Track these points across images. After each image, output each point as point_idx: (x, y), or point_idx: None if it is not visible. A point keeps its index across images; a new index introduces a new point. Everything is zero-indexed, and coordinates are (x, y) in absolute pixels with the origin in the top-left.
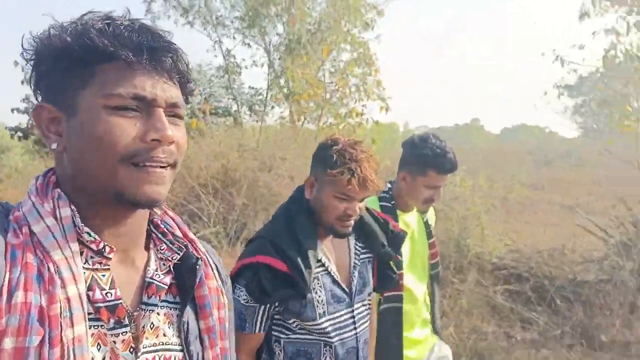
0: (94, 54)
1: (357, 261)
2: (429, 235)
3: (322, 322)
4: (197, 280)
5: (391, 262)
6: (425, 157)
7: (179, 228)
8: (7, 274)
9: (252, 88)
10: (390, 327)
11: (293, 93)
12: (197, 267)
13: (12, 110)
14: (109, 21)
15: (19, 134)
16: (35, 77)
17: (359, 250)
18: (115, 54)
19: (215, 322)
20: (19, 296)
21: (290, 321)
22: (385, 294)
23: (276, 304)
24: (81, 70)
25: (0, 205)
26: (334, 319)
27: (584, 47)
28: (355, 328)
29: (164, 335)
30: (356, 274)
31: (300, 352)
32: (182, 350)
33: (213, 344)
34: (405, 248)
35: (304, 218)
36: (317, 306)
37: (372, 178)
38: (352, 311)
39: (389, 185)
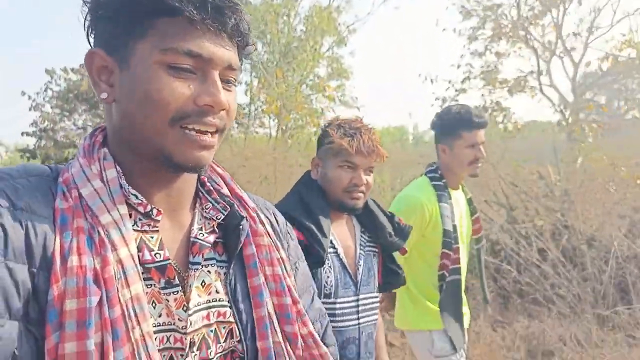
0: (157, 5)
1: (362, 251)
2: (473, 211)
3: (325, 304)
4: (242, 240)
5: (396, 256)
6: (453, 121)
7: (227, 185)
8: (58, 238)
9: (238, 104)
10: (454, 298)
11: (279, 107)
12: (241, 226)
13: (22, 134)
14: None
15: (27, 154)
16: (91, 20)
17: (364, 241)
18: (178, 9)
19: (264, 280)
20: (74, 260)
21: None
22: (451, 267)
23: None
24: (142, 20)
25: (50, 168)
26: (337, 302)
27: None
28: (358, 318)
29: (217, 292)
30: (362, 263)
31: None
32: (230, 307)
33: (258, 304)
34: (458, 224)
35: (315, 194)
36: (325, 286)
37: (374, 143)
38: (357, 300)
39: (435, 165)
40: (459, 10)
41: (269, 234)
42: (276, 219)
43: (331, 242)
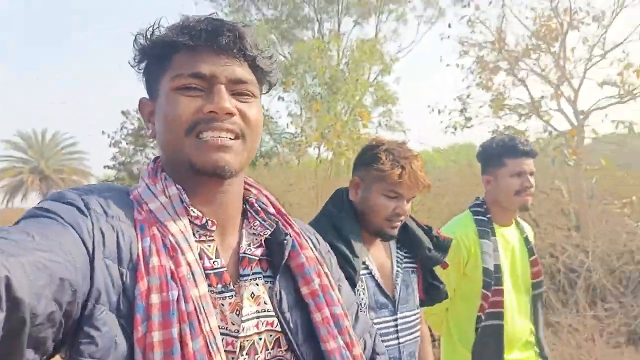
0: (166, 47)
1: (399, 269)
2: (530, 252)
3: None
4: (286, 254)
5: (437, 271)
6: (497, 150)
7: (273, 205)
8: (140, 243)
9: (289, 133)
10: (491, 346)
11: (319, 136)
12: (285, 241)
13: (104, 167)
14: (183, 19)
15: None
16: (143, 77)
17: (400, 258)
18: (179, 43)
19: (317, 287)
20: (154, 261)
21: None
22: (487, 310)
23: None
24: (161, 62)
25: (126, 188)
26: (374, 324)
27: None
28: (397, 338)
29: (265, 303)
30: (399, 281)
31: None
32: (277, 318)
33: (320, 307)
34: (505, 263)
35: (347, 215)
36: (360, 308)
37: (422, 174)
38: (396, 319)
39: (481, 200)
40: (457, 49)
41: (312, 249)
42: (317, 240)
43: (364, 262)
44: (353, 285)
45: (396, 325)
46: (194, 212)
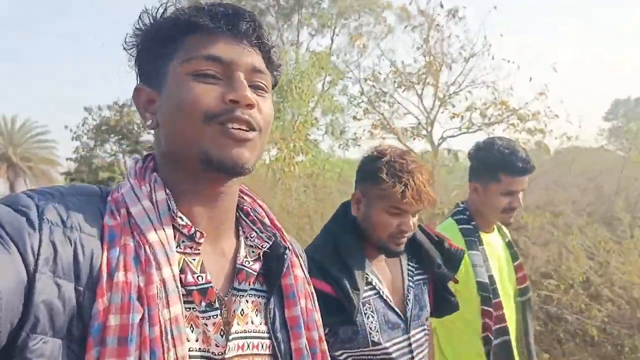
0: (178, 27)
1: (411, 283)
2: (514, 256)
3: (375, 350)
4: (284, 268)
5: (449, 284)
6: (494, 160)
7: (268, 216)
8: (105, 254)
9: None
10: None
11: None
12: (285, 256)
13: (67, 159)
14: (195, 1)
15: (71, 176)
16: (137, 63)
17: (412, 271)
18: (196, 23)
19: (300, 312)
20: (120, 276)
21: (338, 353)
22: (495, 327)
23: (326, 332)
24: (170, 44)
25: (99, 189)
26: (388, 347)
27: None
28: (412, 357)
29: (252, 322)
30: (411, 297)
31: None
32: (269, 338)
33: (297, 335)
34: (496, 274)
35: (349, 237)
36: (370, 333)
37: (426, 189)
38: (409, 338)
39: (462, 206)
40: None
41: (302, 268)
42: (304, 258)
43: (370, 282)
44: (350, 321)
45: (410, 345)
46: (182, 219)
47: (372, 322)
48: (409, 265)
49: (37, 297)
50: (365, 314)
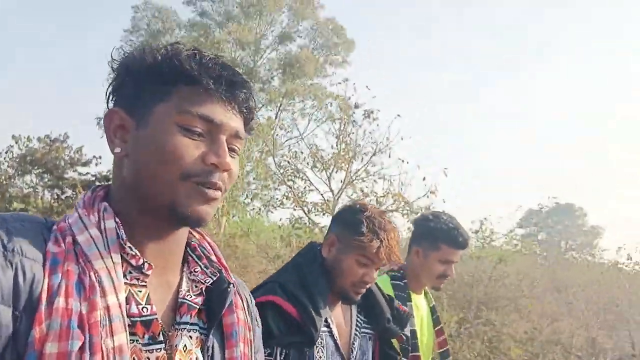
0: (178, 75)
1: (357, 333)
2: (436, 321)
3: None
4: (226, 304)
5: (393, 342)
6: (439, 231)
7: (215, 254)
8: (46, 280)
9: None
10: None
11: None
12: (228, 291)
13: None
14: (196, 51)
15: None
16: (115, 84)
17: (360, 323)
18: (197, 79)
19: (239, 354)
20: (60, 302)
21: None
22: None
23: (279, 351)
24: (163, 86)
25: (44, 219)
26: None
27: None
28: None
29: (197, 358)
30: (356, 345)
31: None
32: None
33: None
34: (418, 331)
35: (317, 274)
36: None
37: (396, 249)
38: None
39: (399, 266)
40: None
41: (245, 311)
42: (250, 301)
43: (326, 320)
44: (311, 344)
45: None
46: (131, 250)
47: (320, 357)
48: (358, 316)
49: None
50: (316, 347)
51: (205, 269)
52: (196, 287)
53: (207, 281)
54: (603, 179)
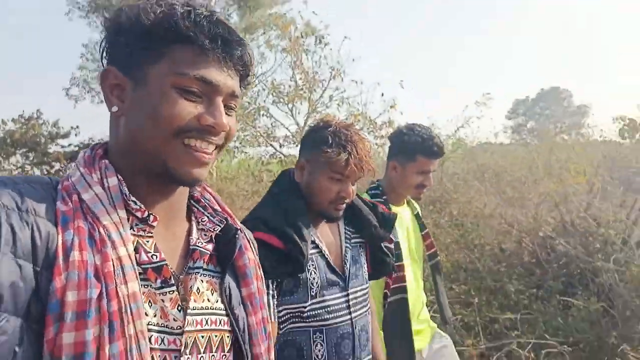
0: (173, 34)
1: (348, 245)
2: (422, 227)
3: (314, 304)
4: (237, 249)
5: (384, 246)
6: (414, 143)
7: (218, 203)
8: (60, 237)
9: None
10: (398, 319)
11: None
12: (237, 237)
13: None
14: (190, 8)
15: None
16: (109, 44)
17: (349, 235)
18: (193, 38)
19: (255, 290)
20: (75, 255)
21: (279, 309)
22: (392, 286)
23: (273, 285)
24: (158, 46)
25: (50, 178)
26: (326, 301)
27: None
28: (350, 313)
29: (208, 300)
30: (349, 257)
31: (289, 342)
32: (227, 315)
33: (256, 310)
34: (403, 241)
35: (295, 199)
36: (311, 288)
37: (367, 159)
38: (347, 295)
39: (377, 183)
40: None
41: (253, 251)
42: (254, 243)
43: (314, 242)
44: (301, 270)
45: (347, 301)
46: (135, 204)
47: (314, 278)
48: (346, 229)
49: (2, 277)
50: (308, 270)
51: (212, 218)
52: (205, 235)
53: (215, 229)
54: (586, 58)
